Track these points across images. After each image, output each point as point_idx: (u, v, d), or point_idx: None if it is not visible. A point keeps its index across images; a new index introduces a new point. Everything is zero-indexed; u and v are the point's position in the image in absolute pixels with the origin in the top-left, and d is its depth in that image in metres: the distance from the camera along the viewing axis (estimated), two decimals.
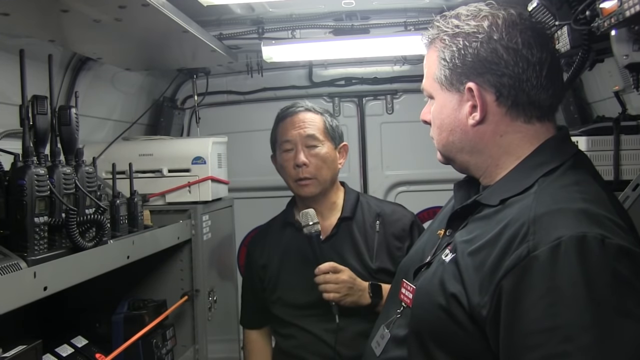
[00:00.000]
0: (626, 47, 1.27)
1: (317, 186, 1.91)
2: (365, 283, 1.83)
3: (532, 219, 1.00)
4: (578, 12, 1.35)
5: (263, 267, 2.01)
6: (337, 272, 1.79)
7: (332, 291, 1.77)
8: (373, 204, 2.01)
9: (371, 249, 1.90)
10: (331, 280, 1.77)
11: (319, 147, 1.92)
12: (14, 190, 1.17)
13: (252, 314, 2.13)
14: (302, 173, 1.90)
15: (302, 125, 1.92)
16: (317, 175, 1.90)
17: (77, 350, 1.65)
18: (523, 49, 1.11)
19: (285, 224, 2.02)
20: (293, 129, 1.93)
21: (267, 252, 2.01)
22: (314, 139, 1.91)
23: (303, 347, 1.88)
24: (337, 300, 1.77)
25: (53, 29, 1.69)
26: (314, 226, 1.79)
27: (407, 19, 2.31)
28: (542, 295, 0.93)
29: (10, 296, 1.06)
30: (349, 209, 1.96)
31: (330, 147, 1.94)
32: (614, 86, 2.22)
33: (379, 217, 1.95)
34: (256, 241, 2.10)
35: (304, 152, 1.90)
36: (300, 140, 1.91)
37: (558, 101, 1.16)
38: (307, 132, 1.91)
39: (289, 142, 1.92)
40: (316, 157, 1.90)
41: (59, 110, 1.35)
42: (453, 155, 1.22)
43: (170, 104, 3.12)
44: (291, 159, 1.92)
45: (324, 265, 1.79)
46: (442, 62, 1.16)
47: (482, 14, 1.15)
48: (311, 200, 1.94)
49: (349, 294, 1.78)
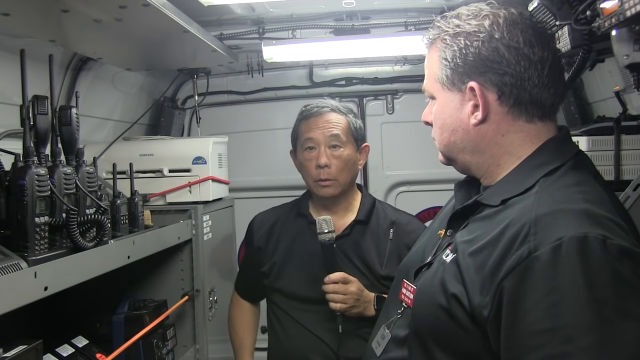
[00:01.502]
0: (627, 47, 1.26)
1: (337, 188, 1.91)
2: (371, 294, 1.82)
3: (533, 219, 0.99)
4: (579, 12, 1.34)
5: (263, 250, 1.99)
6: (346, 283, 1.78)
7: (340, 302, 1.76)
8: (389, 212, 2.00)
9: (382, 256, 1.89)
10: (340, 291, 1.77)
11: (342, 148, 1.90)
12: (14, 190, 1.17)
13: (246, 285, 2.11)
14: (323, 174, 1.88)
15: (326, 125, 1.91)
16: (338, 177, 1.90)
17: (78, 350, 1.65)
18: (524, 48, 1.10)
19: (298, 214, 2.01)
20: (317, 128, 1.91)
21: (274, 239, 1.99)
22: (338, 140, 1.90)
23: (304, 347, 1.87)
24: (343, 310, 1.77)
25: (53, 29, 1.69)
26: (328, 234, 1.78)
27: (407, 19, 2.31)
28: (543, 296, 0.93)
29: (11, 296, 1.06)
30: (364, 213, 1.95)
31: (352, 149, 1.93)
32: (614, 86, 2.22)
33: (394, 225, 1.94)
34: (263, 222, 2.05)
35: (326, 153, 1.89)
36: (324, 140, 1.90)
37: (560, 100, 1.16)
38: (331, 132, 1.89)
39: (312, 140, 1.91)
40: (338, 159, 1.89)
41: (59, 110, 1.36)
42: (455, 155, 1.22)
43: (170, 104, 3.12)
44: (313, 158, 1.90)
45: (335, 275, 1.78)
46: (444, 62, 1.16)
47: (483, 13, 1.14)
48: (328, 199, 1.94)
49: (356, 306, 1.78)
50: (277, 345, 1.95)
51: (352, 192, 2.00)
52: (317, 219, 1.80)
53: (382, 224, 1.94)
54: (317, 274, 1.82)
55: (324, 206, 1.96)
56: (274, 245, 1.99)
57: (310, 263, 1.87)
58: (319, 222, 1.79)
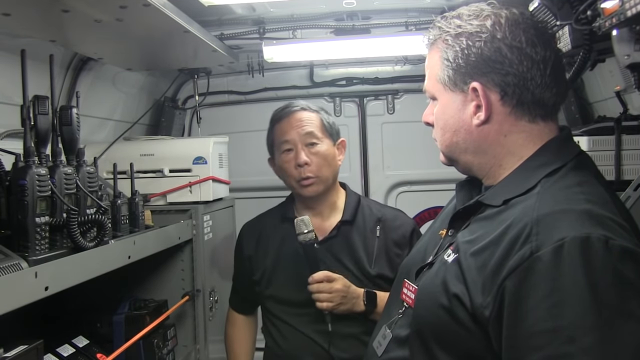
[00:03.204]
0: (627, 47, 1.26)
1: (320, 184, 1.90)
2: (360, 290, 1.81)
3: (535, 219, 0.99)
4: (579, 12, 1.34)
5: (254, 259, 1.98)
6: (330, 281, 1.77)
7: (325, 300, 1.75)
8: (374, 208, 1.99)
9: (370, 255, 1.88)
10: (324, 290, 1.76)
11: (318, 144, 1.90)
12: (15, 190, 1.17)
13: (239, 297, 2.11)
14: (304, 173, 1.87)
15: (299, 124, 1.90)
16: (319, 173, 1.89)
17: (78, 350, 1.65)
18: (527, 48, 1.10)
19: (284, 219, 2.00)
20: (291, 128, 1.90)
21: (262, 245, 1.98)
22: (313, 137, 1.89)
23: (297, 349, 1.87)
24: (330, 309, 1.76)
25: (54, 29, 1.69)
26: (308, 234, 1.76)
27: (408, 19, 2.31)
28: (545, 296, 0.93)
29: (11, 296, 1.06)
30: (350, 212, 1.94)
31: (329, 144, 1.93)
32: (615, 86, 2.22)
33: (380, 222, 1.93)
34: (251, 231, 2.05)
35: (304, 151, 1.89)
36: (300, 139, 1.89)
37: (561, 100, 1.16)
38: (305, 130, 1.89)
39: (288, 142, 1.90)
40: (317, 155, 1.89)
41: (60, 110, 1.36)
42: (457, 156, 1.22)
43: (171, 104, 3.12)
44: (292, 159, 1.90)
45: (318, 275, 1.77)
46: (445, 62, 1.16)
47: (485, 13, 1.14)
48: (313, 199, 1.93)
49: (343, 303, 1.77)
50: (273, 348, 1.94)
51: (336, 190, 1.99)
52: (295, 220, 1.78)
53: (368, 222, 1.94)
54: (304, 277, 1.81)
55: (308, 207, 1.95)
56: (263, 253, 1.98)
57: (297, 266, 1.85)
58: (297, 223, 1.77)
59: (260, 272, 1.96)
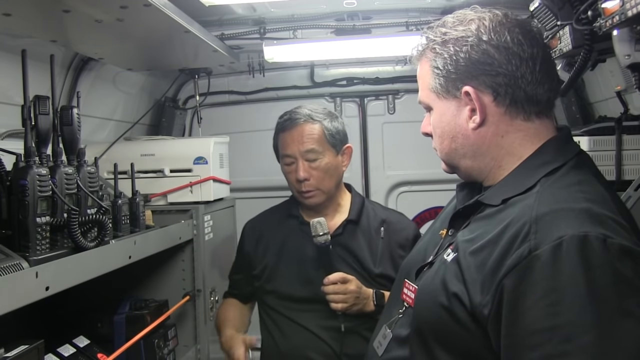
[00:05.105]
0: (628, 47, 1.26)
1: (321, 196, 1.92)
2: (370, 290, 1.84)
3: (534, 218, 0.99)
4: (580, 12, 1.34)
5: (255, 254, 1.99)
6: (345, 283, 1.80)
7: (341, 301, 1.78)
8: (378, 210, 2.02)
9: (375, 254, 1.90)
10: (340, 291, 1.78)
11: (319, 159, 1.90)
12: (16, 190, 1.18)
13: (234, 287, 2.11)
14: (304, 187, 1.90)
15: (300, 139, 1.90)
16: (320, 186, 1.90)
17: (79, 350, 1.65)
18: (513, 47, 1.11)
19: (289, 216, 2.01)
20: (292, 143, 1.91)
21: (264, 241, 1.99)
22: (313, 152, 1.90)
23: (299, 344, 1.87)
24: (344, 310, 1.79)
25: (55, 30, 1.69)
26: (324, 236, 1.79)
27: (408, 19, 2.31)
28: (543, 295, 0.93)
29: (12, 296, 1.06)
30: (356, 212, 1.96)
31: (331, 156, 1.92)
32: (616, 86, 2.22)
33: (384, 223, 1.96)
34: (254, 227, 2.06)
35: (304, 166, 1.89)
36: (300, 155, 1.90)
37: (555, 95, 1.16)
38: (305, 148, 1.89)
39: (290, 156, 1.92)
40: (317, 170, 1.90)
41: (60, 110, 1.36)
42: (457, 162, 1.22)
43: (172, 104, 3.12)
44: (293, 171, 1.91)
45: (333, 276, 1.79)
46: (436, 70, 1.17)
47: (469, 18, 1.16)
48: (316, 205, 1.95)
49: (356, 303, 1.80)
50: (272, 345, 1.94)
51: (340, 193, 2.01)
52: (312, 222, 1.81)
53: (372, 223, 1.96)
54: (311, 274, 1.83)
55: (313, 209, 1.96)
56: (264, 248, 1.99)
57: (303, 263, 1.88)
58: (313, 225, 1.80)
59: (261, 267, 1.97)
